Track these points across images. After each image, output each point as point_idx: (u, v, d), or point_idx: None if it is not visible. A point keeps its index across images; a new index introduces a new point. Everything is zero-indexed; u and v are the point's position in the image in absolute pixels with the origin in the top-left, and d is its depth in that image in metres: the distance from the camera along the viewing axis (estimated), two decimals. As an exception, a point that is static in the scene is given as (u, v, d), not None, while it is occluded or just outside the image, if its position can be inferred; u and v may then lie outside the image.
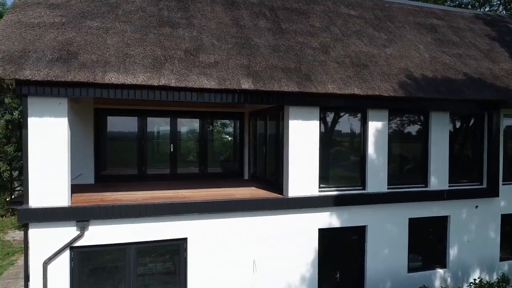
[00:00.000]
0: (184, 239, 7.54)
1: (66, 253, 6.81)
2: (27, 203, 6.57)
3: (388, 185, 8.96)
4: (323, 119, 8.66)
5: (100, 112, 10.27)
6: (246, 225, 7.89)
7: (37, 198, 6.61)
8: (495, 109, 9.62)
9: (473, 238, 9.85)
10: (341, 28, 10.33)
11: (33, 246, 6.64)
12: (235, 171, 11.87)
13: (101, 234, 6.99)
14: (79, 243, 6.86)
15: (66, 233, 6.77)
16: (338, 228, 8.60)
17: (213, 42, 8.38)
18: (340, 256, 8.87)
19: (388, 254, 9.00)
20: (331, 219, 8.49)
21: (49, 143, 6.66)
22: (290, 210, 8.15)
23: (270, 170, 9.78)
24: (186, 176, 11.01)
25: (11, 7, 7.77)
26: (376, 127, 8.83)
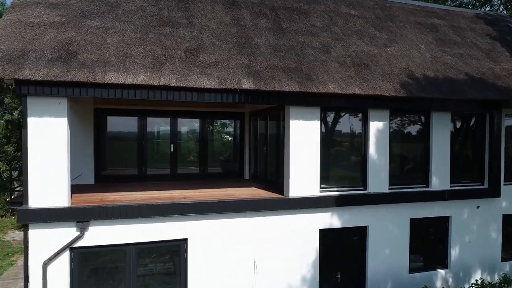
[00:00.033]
0: (185, 240, 7.51)
1: (66, 254, 6.78)
2: (27, 204, 6.54)
3: (389, 185, 8.93)
4: (324, 119, 8.63)
5: (100, 112, 10.25)
6: (247, 226, 7.86)
7: (37, 199, 6.58)
8: (497, 109, 9.58)
9: (475, 239, 9.83)
10: (342, 28, 10.30)
11: (33, 247, 6.62)
12: (236, 171, 11.85)
13: (101, 235, 6.96)
14: (79, 244, 6.84)
15: (66, 234, 6.75)
16: (339, 229, 8.57)
17: (214, 42, 8.35)
18: (341, 257, 8.84)
19: (389, 255, 8.97)
20: (332, 220, 8.46)
21: (49, 143, 6.63)
22: (291, 211, 8.12)
23: (271, 170, 9.75)
24: (187, 176, 10.99)
25: (11, 7, 7.74)
26: (377, 127, 8.81)
